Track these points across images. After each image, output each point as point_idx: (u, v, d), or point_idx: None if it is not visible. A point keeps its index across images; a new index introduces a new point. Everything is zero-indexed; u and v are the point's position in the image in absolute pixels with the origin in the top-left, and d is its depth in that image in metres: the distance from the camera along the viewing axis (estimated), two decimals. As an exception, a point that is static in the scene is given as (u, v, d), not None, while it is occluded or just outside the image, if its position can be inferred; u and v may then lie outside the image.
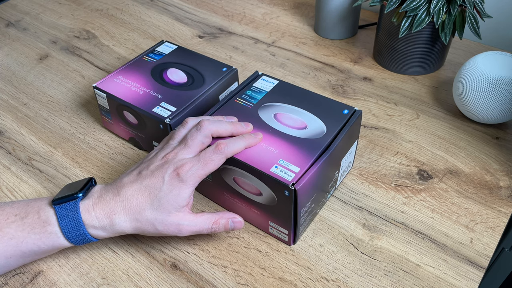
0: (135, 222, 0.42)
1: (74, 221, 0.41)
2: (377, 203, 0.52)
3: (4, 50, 0.81)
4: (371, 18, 0.85)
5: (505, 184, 0.53)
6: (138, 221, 0.42)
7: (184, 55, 0.63)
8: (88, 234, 0.42)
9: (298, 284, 0.45)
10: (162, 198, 0.42)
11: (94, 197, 0.43)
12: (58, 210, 0.42)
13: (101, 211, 0.42)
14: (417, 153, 0.58)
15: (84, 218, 0.42)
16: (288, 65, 0.74)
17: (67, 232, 0.42)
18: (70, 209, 0.42)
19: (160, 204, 0.42)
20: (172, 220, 0.43)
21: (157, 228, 0.43)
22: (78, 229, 0.42)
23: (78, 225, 0.42)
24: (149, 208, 0.42)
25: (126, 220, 0.42)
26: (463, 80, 0.58)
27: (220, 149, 0.43)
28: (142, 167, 0.44)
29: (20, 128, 0.65)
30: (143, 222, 0.42)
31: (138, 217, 0.42)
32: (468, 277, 0.45)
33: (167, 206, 0.42)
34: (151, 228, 0.43)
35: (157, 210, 0.42)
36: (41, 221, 0.42)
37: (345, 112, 0.50)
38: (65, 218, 0.41)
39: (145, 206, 0.42)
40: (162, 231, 0.43)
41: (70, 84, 0.73)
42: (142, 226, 0.43)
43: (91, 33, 0.84)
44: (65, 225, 0.42)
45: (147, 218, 0.42)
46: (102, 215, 0.42)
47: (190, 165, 0.42)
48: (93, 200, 0.43)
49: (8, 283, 0.46)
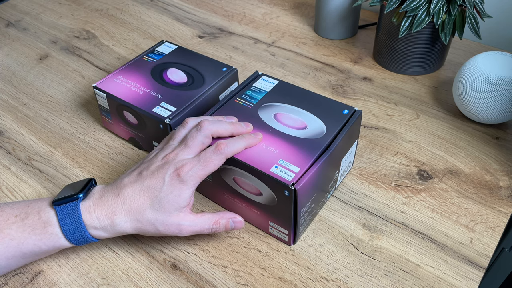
0: (136, 222, 0.43)
1: (75, 221, 0.41)
2: (377, 203, 0.52)
3: (4, 50, 0.81)
4: (371, 18, 0.85)
5: (505, 184, 0.53)
6: (139, 221, 0.42)
7: (184, 55, 0.63)
8: (89, 235, 0.42)
9: (298, 284, 0.45)
10: (163, 198, 0.42)
11: (94, 198, 0.43)
12: (58, 211, 0.42)
13: (102, 211, 0.42)
14: (417, 153, 0.58)
15: (85, 218, 0.42)
16: (288, 65, 0.74)
17: (67, 233, 0.42)
18: (70, 209, 0.42)
19: (161, 204, 0.42)
20: (173, 220, 0.43)
21: (158, 229, 0.43)
22: (79, 229, 0.42)
23: (79, 226, 0.42)
24: (149, 208, 0.42)
25: (127, 220, 0.42)
26: (463, 80, 0.58)
27: (220, 149, 0.43)
28: (142, 167, 0.44)
29: (20, 128, 0.65)
30: (143, 223, 0.42)
31: (139, 218, 0.42)
32: (468, 277, 0.45)
33: (167, 206, 0.42)
34: (152, 228, 0.43)
35: (157, 211, 0.42)
36: (41, 222, 0.42)
37: (345, 112, 0.50)
38: (65, 219, 0.41)
39: (146, 207, 0.42)
40: (163, 231, 0.43)
41: (70, 84, 0.73)
42: (143, 226, 0.43)
43: (91, 33, 0.84)
44: (66, 226, 0.42)
45: (147, 218, 0.42)
46: (103, 215, 0.42)
47: (190, 166, 0.42)
48: (93, 200, 0.43)
49: (8, 283, 0.46)
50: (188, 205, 0.44)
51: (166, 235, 0.44)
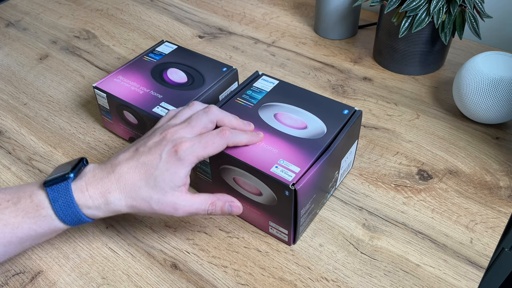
0: (130, 200, 0.41)
1: (67, 202, 0.40)
2: (377, 203, 0.52)
3: (4, 50, 0.81)
4: (371, 18, 0.85)
5: (505, 184, 0.53)
6: (134, 199, 0.41)
7: (184, 55, 0.63)
8: (83, 215, 0.41)
9: (298, 284, 0.45)
10: (158, 176, 0.41)
11: (87, 177, 0.42)
12: (50, 192, 0.41)
13: (95, 190, 0.41)
14: (417, 153, 0.58)
15: (77, 198, 0.41)
16: (288, 65, 0.74)
17: (61, 214, 0.41)
18: (62, 190, 0.40)
19: (156, 182, 0.41)
20: (168, 199, 0.41)
21: (152, 207, 0.41)
22: (71, 210, 0.40)
23: (72, 206, 0.40)
24: (144, 186, 0.41)
25: (121, 198, 0.41)
26: (463, 80, 0.58)
27: (224, 134, 0.43)
28: (139, 144, 0.43)
29: (20, 128, 0.65)
30: (138, 201, 0.41)
31: (134, 195, 0.41)
32: (468, 277, 0.45)
33: (163, 185, 0.41)
34: (147, 207, 0.41)
35: (153, 189, 0.41)
36: (34, 205, 0.41)
37: (345, 112, 0.50)
38: (57, 200, 0.40)
39: (141, 184, 0.41)
40: (158, 210, 0.42)
41: (70, 84, 0.73)
42: (138, 204, 0.41)
43: (91, 33, 0.84)
44: (58, 207, 0.40)
45: (142, 196, 0.41)
46: (96, 194, 0.41)
47: (190, 144, 0.41)
48: (86, 179, 0.41)
49: (8, 283, 0.46)
50: (185, 184, 0.42)
51: (161, 215, 0.43)
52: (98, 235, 0.51)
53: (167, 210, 0.42)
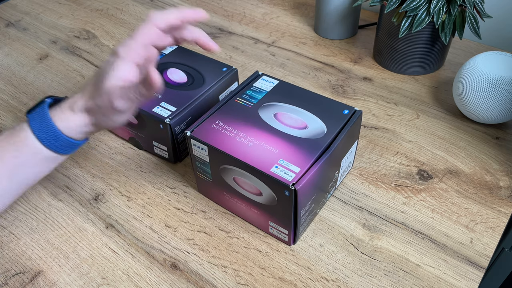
0: (86, 100, 0.44)
1: (42, 117, 0.44)
2: (377, 203, 0.52)
3: (4, 50, 0.81)
4: (371, 18, 0.85)
5: (505, 184, 0.53)
6: (91, 98, 0.44)
7: (184, 55, 0.63)
8: (58, 130, 0.44)
9: (298, 284, 0.45)
10: (104, 71, 0.43)
11: (64, 102, 0.46)
12: (29, 117, 0.45)
13: (66, 104, 0.45)
14: (417, 153, 0.58)
15: (52, 114, 0.44)
16: (288, 65, 0.74)
17: (37, 131, 0.44)
18: (39, 111, 0.45)
19: (103, 76, 0.43)
20: (106, 84, 0.43)
21: (100, 96, 0.43)
22: (46, 124, 0.44)
23: (46, 120, 0.44)
24: (93, 84, 0.44)
25: (82, 102, 0.44)
26: (463, 80, 0.58)
27: (148, 17, 0.43)
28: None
29: (20, 128, 0.65)
30: (95, 98, 0.44)
31: (90, 95, 0.44)
32: (468, 277, 0.45)
33: (106, 76, 0.42)
34: (101, 100, 0.43)
35: (101, 82, 0.43)
36: (15, 131, 0.45)
37: (345, 112, 0.50)
38: (35, 119, 0.44)
39: (91, 83, 0.44)
40: (100, 103, 0.43)
41: (70, 84, 0.73)
42: (96, 101, 0.44)
43: (91, 33, 0.84)
44: (35, 125, 0.44)
45: (93, 89, 0.44)
46: (65, 107, 0.45)
47: (124, 42, 0.43)
48: (62, 104, 0.46)
49: (8, 283, 0.46)
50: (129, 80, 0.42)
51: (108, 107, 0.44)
52: (98, 235, 0.51)
53: (105, 99, 0.43)
